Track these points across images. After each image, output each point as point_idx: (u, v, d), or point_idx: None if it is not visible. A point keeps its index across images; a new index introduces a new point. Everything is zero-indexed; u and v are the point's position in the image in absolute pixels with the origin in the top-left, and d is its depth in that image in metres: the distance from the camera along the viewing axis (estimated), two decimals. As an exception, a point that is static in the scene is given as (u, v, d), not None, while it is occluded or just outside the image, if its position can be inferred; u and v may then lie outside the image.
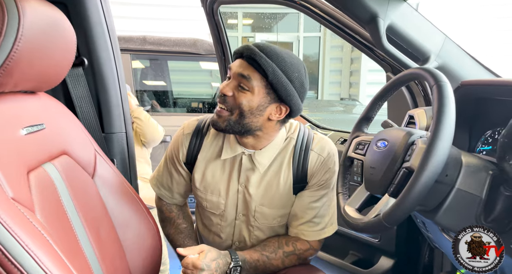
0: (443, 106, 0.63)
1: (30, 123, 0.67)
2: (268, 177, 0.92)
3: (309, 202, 0.93)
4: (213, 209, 0.96)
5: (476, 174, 0.68)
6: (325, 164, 0.92)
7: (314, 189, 0.93)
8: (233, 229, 0.98)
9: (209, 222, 1.00)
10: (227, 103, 0.84)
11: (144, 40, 2.86)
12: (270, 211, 0.93)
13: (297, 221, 0.94)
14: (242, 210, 0.96)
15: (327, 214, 0.95)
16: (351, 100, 5.36)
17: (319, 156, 0.92)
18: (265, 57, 0.80)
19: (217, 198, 0.95)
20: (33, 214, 0.56)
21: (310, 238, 0.95)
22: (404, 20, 0.95)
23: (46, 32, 0.64)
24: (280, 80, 0.81)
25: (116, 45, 1.03)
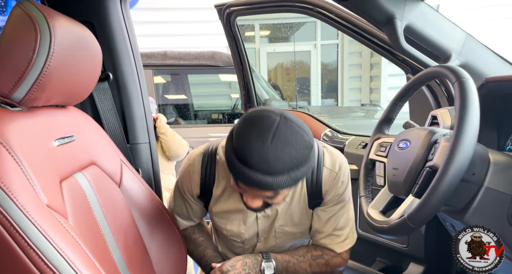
0: (466, 102, 0.62)
1: (62, 136, 0.71)
2: (286, 199, 0.91)
3: (328, 218, 0.93)
4: (234, 236, 0.96)
5: (506, 172, 0.66)
6: (338, 179, 0.91)
7: (331, 205, 0.93)
8: (253, 250, 0.99)
9: (230, 244, 1.01)
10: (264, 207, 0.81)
11: (165, 55, 2.96)
12: (290, 229, 0.94)
13: (318, 235, 0.95)
14: (262, 234, 0.96)
15: (347, 225, 0.95)
16: (372, 105, 5.27)
17: (331, 172, 0.90)
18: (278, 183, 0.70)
19: (237, 228, 0.94)
20: (66, 220, 0.59)
21: (335, 248, 0.95)
22: (422, 20, 0.94)
23: (75, 49, 0.69)
24: (299, 178, 0.73)
25: (139, 60, 1.08)
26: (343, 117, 3.72)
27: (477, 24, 4.74)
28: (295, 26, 6.43)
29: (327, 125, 1.69)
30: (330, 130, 1.65)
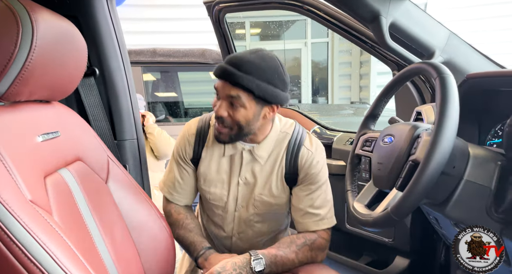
0: (446, 98, 0.64)
1: (46, 131, 0.70)
2: (267, 168, 1.01)
3: (304, 195, 1.00)
4: (216, 200, 1.04)
5: (485, 165, 0.67)
6: (313, 157, 1.00)
7: (306, 183, 1.00)
8: (233, 220, 1.05)
9: (212, 213, 1.08)
10: (226, 123, 0.91)
11: (154, 52, 2.93)
12: (268, 199, 1.01)
13: (297, 213, 1.01)
14: (242, 202, 1.03)
15: (324, 206, 1.01)
16: (361, 103, 5.32)
17: (308, 151, 1.00)
18: (245, 76, 0.85)
19: (220, 190, 1.03)
20: (50, 215, 0.59)
21: (311, 228, 1.00)
22: (406, 17, 0.95)
23: (58, 43, 0.68)
24: (265, 91, 0.87)
25: (126, 55, 1.07)
26: (333, 114, 3.75)
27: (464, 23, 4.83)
28: (285, 24, 6.44)
29: (316, 122, 1.70)
30: (319, 127, 1.66)
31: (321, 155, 1.03)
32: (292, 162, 0.99)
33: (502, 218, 0.66)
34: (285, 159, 1.00)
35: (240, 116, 0.90)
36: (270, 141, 0.99)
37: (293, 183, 1.02)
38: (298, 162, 0.99)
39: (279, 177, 1.00)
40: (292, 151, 0.99)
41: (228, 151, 1.01)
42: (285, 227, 1.16)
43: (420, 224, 1.20)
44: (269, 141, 0.99)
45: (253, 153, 0.99)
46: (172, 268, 0.96)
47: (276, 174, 1.00)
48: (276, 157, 1.00)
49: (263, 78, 0.87)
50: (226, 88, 0.88)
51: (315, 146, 1.02)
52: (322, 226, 1.00)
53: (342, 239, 1.47)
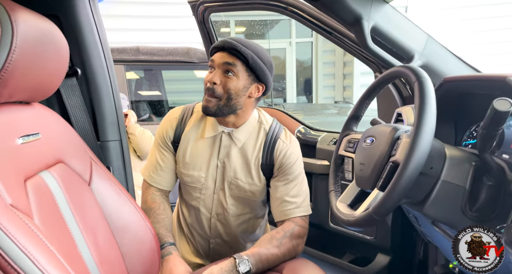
0: (424, 101, 0.66)
1: (26, 133, 0.69)
2: (243, 155, 1.07)
3: (280, 185, 1.07)
4: (194, 183, 1.09)
5: (460, 166, 0.70)
6: (288, 149, 1.08)
7: (282, 174, 1.07)
8: (211, 202, 1.10)
9: (189, 196, 1.12)
10: (215, 92, 0.98)
11: (137, 50, 2.89)
12: (243, 184, 1.08)
13: (275, 203, 1.08)
14: (220, 184, 1.09)
15: (299, 195, 1.07)
16: (345, 103, 5.40)
17: (284, 143, 1.09)
18: (242, 46, 0.96)
19: (198, 173, 1.08)
20: (31, 219, 0.58)
21: (288, 215, 1.05)
22: (387, 21, 0.98)
23: (39, 43, 0.67)
24: (257, 63, 0.98)
25: (109, 55, 1.05)
26: (317, 114, 3.79)
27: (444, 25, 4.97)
28: (270, 23, 6.46)
29: (300, 122, 1.73)
30: (304, 127, 1.68)
31: (296, 147, 1.10)
32: (269, 153, 1.07)
33: (475, 216, 0.70)
34: (262, 150, 1.07)
35: (232, 85, 0.97)
36: (248, 127, 1.07)
37: (269, 174, 1.09)
38: (274, 153, 1.07)
39: (255, 165, 1.07)
40: (269, 143, 1.07)
41: (208, 133, 1.07)
42: (261, 216, 1.19)
43: (401, 222, 1.24)
44: (247, 127, 1.07)
45: (232, 136, 1.06)
46: (157, 269, 0.96)
47: (254, 163, 1.07)
48: (253, 146, 1.08)
49: (257, 54, 0.98)
50: (223, 57, 0.97)
51: (289, 139, 1.10)
52: (298, 214, 1.05)
53: (326, 238, 1.50)
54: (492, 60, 4.87)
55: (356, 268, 1.35)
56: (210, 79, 0.97)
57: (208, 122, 1.09)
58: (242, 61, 0.97)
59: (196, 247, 1.18)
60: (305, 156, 1.50)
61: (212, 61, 0.99)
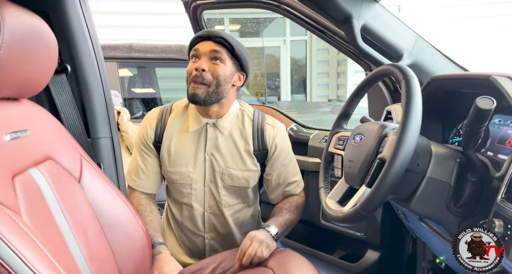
0: (410, 99, 0.67)
1: (14, 129, 0.68)
2: (232, 143, 1.09)
3: (282, 171, 1.14)
4: (183, 179, 1.09)
5: (445, 162, 0.72)
6: (278, 133, 1.13)
7: (279, 159, 1.13)
8: (203, 196, 1.11)
9: (180, 194, 1.12)
10: (204, 78, 0.99)
11: (130, 48, 2.87)
12: (235, 172, 1.10)
13: (279, 188, 1.15)
14: (210, 176, 1.10)
15: (297, 172, 1.19)
16: (338, 101, 5.44)
17: (273, 127, 1.13)
18: (224, 34, 1.02)
19: (185, 168, 1.09)
20: (19, 216, 0.58)
21: (295, 192, 1.17)
22: (377, 20, 0.99)
23: (27, 39, 0.66)
24: (241, 51, 1.03)
25: (99, 51, 1.05)
26: (311, 112, 3.81)
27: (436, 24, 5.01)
28: (264, 21, 6.46)
29: (293, 120, 1.73)
30: (296, 125, 1.69)
31: (284, 129, 1.17)
32: (259, 140, 1.11)
33: (460, 212, 0.71)
34: (252, 137, 1.10)
35: (220, 71, 1.00)
36: (230, 115, 1.10)
37: (264, 159, 1.13)
38: (266, 138, 1.11)
39: (247, 152, 1.10)
40: (257, 130, 1.11)
41: (192, 127, 1.08)
42: (253, 204, 1.21)
43: (390, 219, 1.26)
44: (230, 115, 1.10)
45: (217, 125, 1.08)
46: (148, 266, 0.96)
47: (244, 149, 1.10)
48: (240, 133, 1.10)
49: (238, 43, 1.04)
50: (209, 45, 1.00)
51: (277, 123, 1.16)
52: (299, 190, 1.18)
53: (317, 234, 1.51)
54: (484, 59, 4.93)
55: (346, 264, 1.36)
56: (198, 66, 0.98)
57: (190, 116, 1.10)
58: (228, 49, 1.01)
59: (190, 247, 1.18)
60: (297, 154, 1.51)
61: (197, 50, 1.01)
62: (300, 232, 1.56)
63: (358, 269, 1.32)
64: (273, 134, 1.12)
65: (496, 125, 0.79)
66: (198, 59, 1.02)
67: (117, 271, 0.87)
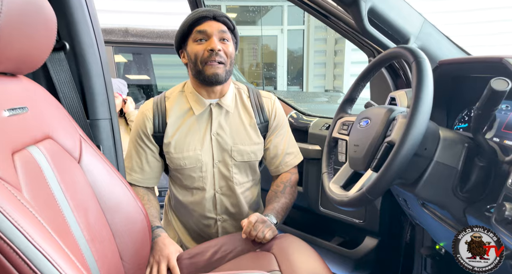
0: (422, 81, 0.66)
1: (13, 106, 0.66)
2: (236, 119, 1.12)
3: (279, 141, 1.17)
4: (192, 163, 1.09)
5: (453, 147, 0.71)
6: (274, 103, 1.18)
7: (277, 129, 1.17)
8: (213, 177, 1.11)
9: (191, 180, 1.11)
10: (221, 57, 1.01)
11: (126, 32, 2.81)
12: (244, 147, 1.11)
13: (278, 158, 1.18)
14: (218, 156, 1.11)
15: (294, 145, 1.22)
16: (335, 91, 5.43)
17: (269, 99, 1.18)
18: (222, 13, 1.03)
19: (193, 152, 1.08)
20: (20, 193, 0.56)
21: (292, 164, 1.20)
22: (384, 3, 0.97)
23: (25, 13, 0.63)
24: (236, 30, 1.07)
25: (99, 32, 1.01)
26: (308, 102, 3.79)
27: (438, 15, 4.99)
28: (262, 9, 6.37)
29: (293, 108, 1.72)
30: (296, 112, 1.68)
31: (278, 100, 1.21)
32: (261, 113, 1.15)
33: (466, 197, 0.71)
34: (254, 111, 1.14)
35: (231, 49, 1.03)
36: (231, 93, 1.12)
37: (265, 131, 1.16)
38: (266, 111, 1.15)
39: (252, 126, 1.13)
40: (256, 104, 1.15)
41: (196, 110, 1.08)
42: (258, 181, 1.23)
43: (389, 206, 1.26)
44: (230, 93, 1.12)
45: (221, 104, 1.09)
46: (148, 248, 0.95)
47: (250, 124, 1.12)
48: (243, 109, 1.13)
49: None
50: (216, 25, 1.01)
51: (270, 94, 1.20)
52: (297, 161, 1.21)
53: (316, 221, 1.52)
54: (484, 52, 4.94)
55: (344, 250, 1.37)
56: (213, 46, 0.99)
57: (191, 100, 1.09)
58: (229, 29, 1.04)
59: (201, 232, 1.18)
60: (297, 141, 1.50)
61: (204, 32, 1.01)
62: (299, 219, 1.57)
63: (356, 256, 1.33)
64: (271, 105, 1.16)
65: (503, 111, 0.78)
66: (205, 40, 1.02)
67: (118, 253, 0.86)
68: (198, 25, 1.01)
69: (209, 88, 1.07)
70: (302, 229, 1.52)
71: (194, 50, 1.01)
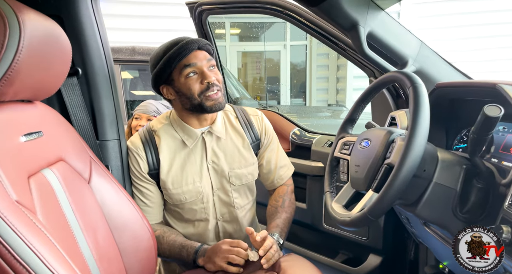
0: (419, 105, 0.69)
1: (29, 131, 0.69)
2: (229, 144, 1.11)
3: (272, 156, 1.18)
4: (193, 196, 1.07)
5: (451, 168, 0.73)
6: (263, 119, 1.19)
7: (268, 145, 1.18)
8: (214, 206, 1.10)
9: (192, 213, 1.09)
10: (218, 86, 1.02)
11: (133, 50, 2.88)
12: (241, 170, 1.11)
13: (272, 173, 1.19)
14: (217, 184, 1.10)
15: (285, 157, 1.23)
16: (338, 106, 5.46)
17: (256, 116, 1.18)
18: (205, 42, 1.03)
19: (193, 185, 1.07)
20: (35, 215, 0.59)
21: (287, 177, 1.20)
22: (383, 28, 1.01)
23: (44, 43, 0.67)
24: (214, 56, 1.06)
25: (109, 55, 1.06)
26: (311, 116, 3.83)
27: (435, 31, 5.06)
28: (265, 26, 6.49)
29: (295, 125, 1.75)
30: (299, 129, 1.71)
31: (264, 116, 1.20)
32: (251, 132, 1.15)
33: (465, 218, 0.73)
34: (245, 131, 1.14)
35: (220, 76, 1.04)
36: (219, 118, 1.12)
37: (258, 149, 1.17)
38: (256, 129, 1.16)
39: (245, 147, 1.13)
40: (246, 123, 1.15)
41: (188, 142, 1.07)
42: (255, 198, 1.22)
43: (393, 224, 1.27)
44: (219, 118, 1.11)
45: (212, 131, 1.08)
46: (154, 268, 0.97)
47: (243, 145, 1.12)
48: (234, 132, 1.13)
49: None
50: (202, 55, 1.00)
51: (255, 111, 1.20)
52: (290, 173, 1.22)
53: (320, 238, 1.52)
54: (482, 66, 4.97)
55: (348, 268, 1.37)
56: (210, 80, 0.98)
57: (180, 132, 1.06)
58: (211, 55, 1.04)
59: None
60: (300, 158, 1.53)
61: (194, 64, 0.98)
62: (302, 235, 1.57)
63: (360, 273, 1.33)
64: (260, 122, 1.17)
65: (500, 133, 0.81)
66: (195, 73, 0.98)
67: (125, 272, 0.88)
68: (184, 58, 0.97)
69: (201, 116, 1.05)
70: (305, 246, 1.52)
71: (187, 85, 0.98)
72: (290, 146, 1.62)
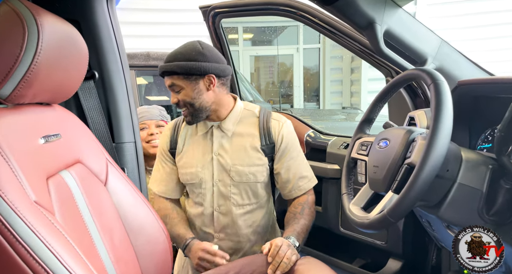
0: (441, 103, 0.66)
1: (48, 133, 0.70)
2: (237, 141, 1.15)
3: (290, 164, 1.16)
4: (193, 179, 1.16)
5: (476, 169, 0.70)
6: (283, 127, 1.17)
7: (287, 152, 1.16)
8: (212, 195, 1.16)
9: (193, 194, 1.19)
10: (181, 106, 1.10)
11: (148, 56, 2.93)
12: (242, 168, 1.13)
13: (291, 182, 1.17)
14: (218, 175, 1.15)
15: (308, 169, 1.21)
16: (352, 108, 5.39)
17: (278, 122, 1.18)
18: (167, 65, 1.06)
19: (195, 169, 1.15)
20: (54, 216, 0.59)
21: (307, 188, 1.18)
22: (400, 25, 0.99)
23: (61, 46, 0.69)
24: (186, 67, 1.05)
25: (125, 59, 1.08)
26: (325, 119, 3.79)
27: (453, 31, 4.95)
28: (278, 30, 6.50)
29: (310, 127, 1.73)
30: (313, 131, 1.69)
31: (290, 126, 1.20)
32: (266, 134, 1.16)
33: (493, 220, 0.69)
34: (259, 132, 1.15)
35: (184, 96, 1.08)
36: (234, 116, 1.16)
37: (271, 153, 1.17)
38: (272, 133, 1.16)
39: (253, 148, 1.14)
40: (264, 126, 1.17)
41: (200, 130, 1.17)
42: (264, 205, 1.21)
43: (412, 227, 1.23)
44: (234, 116, 1.16)
45: (221, 127, 1.15)
46: (170, 270, 0.96)
47: (251, 146, 1.14)
48: (247, 131, 1.15)
49: (182, 59, 1.05)
50: (166, 81, 1.08)
51: (280, 117, 1.20)
52: (311, 185, 1.19)
53: (336, 242, 1.49)
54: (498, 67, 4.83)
55: (366, 273, 1.33)
56: (172, 102, 1.11)
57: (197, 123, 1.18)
58: (175, 75, 1.06)
59: None
60: (315, 160, 1.51)
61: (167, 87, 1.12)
62: (318, 239, 1.54)
63: (379, 279, 1.29)
64: (279, 127, 1.17)
65: (527, 131, 0.77)
66: None
67: (140, 273, 0.87)
68: None
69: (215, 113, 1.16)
70: (322, 249, 1.49)
71: None
72: (304, 148, 1.60)
